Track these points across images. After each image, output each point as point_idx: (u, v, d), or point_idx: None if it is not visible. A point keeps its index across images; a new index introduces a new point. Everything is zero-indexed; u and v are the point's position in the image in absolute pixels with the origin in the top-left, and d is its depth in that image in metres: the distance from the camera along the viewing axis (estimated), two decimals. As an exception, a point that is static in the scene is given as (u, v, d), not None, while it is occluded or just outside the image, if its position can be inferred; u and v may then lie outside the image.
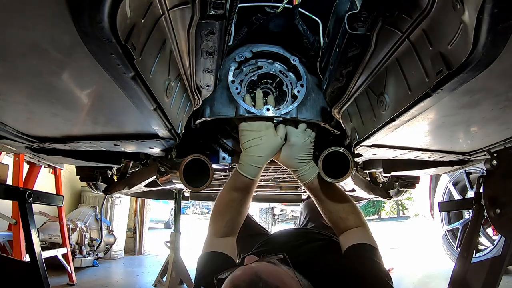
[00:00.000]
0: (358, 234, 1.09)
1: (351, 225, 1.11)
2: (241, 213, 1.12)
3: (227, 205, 1.11)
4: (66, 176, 3.76)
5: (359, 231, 1.10)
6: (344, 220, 1.12)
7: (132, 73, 0.59)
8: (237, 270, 0.81)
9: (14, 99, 0.74)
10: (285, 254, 0.86)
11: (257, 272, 0.76)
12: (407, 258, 4.01)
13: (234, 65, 1.14)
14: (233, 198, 1.09)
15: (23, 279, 1.39)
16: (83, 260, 3.47)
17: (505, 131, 0.92)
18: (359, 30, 0.77)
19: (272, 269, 0.81)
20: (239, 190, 1.09)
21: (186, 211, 18.00)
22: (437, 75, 0.62)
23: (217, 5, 0.72)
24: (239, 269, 0.81)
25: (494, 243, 2.71)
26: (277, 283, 0.74)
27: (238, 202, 1.10)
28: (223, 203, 1.12)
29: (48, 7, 0.46)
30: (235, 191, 1.10)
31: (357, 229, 1.11)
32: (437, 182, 3.37)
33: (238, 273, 0.79)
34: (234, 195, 1.10)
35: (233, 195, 1.10)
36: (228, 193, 1.11)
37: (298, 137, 1.13)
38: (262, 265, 0.82)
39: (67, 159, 1.25)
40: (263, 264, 0.83)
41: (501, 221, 1.00)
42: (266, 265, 0.82)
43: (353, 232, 1.10)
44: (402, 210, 13.82)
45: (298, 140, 1.13)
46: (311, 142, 1.15)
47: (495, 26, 0.47)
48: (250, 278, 0.75)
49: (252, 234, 1.55)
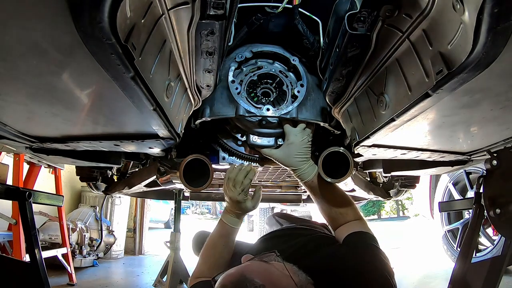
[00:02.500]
0: (357, 225, 1.11)
1: (350, 219, 1.14)
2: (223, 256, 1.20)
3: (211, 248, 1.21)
4: (66, 176, 3.76)
5: (357, 223, 1.12)
6: (344, 216, 1.14)
7: (132, 73, 0.59)
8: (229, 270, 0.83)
9: (14, 99, 0.74)
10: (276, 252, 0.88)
11: (243, 272, 0.78)
12: (407, 258, 4.00)
13: (234, 65, 1.14)
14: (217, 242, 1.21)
15: (23, 279, 1.39)
16: (83, 260, 3.47)
17: (505, 131, 0.92)
18: (359, 30, 0.77)
19: (261, 268, 0.82)
20: (223, 236, 1.21)
21: (186, 211, 18.02)
22: (437, 75, 0.62)
23: (217, 5, 0.72)
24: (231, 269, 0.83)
25: (494, 243, 2.71)
26: (263, 282, 0.75)
27: (222, 245, 1.20)
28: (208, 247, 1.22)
29: (48, 7, 0.46)
30: (219, 237, 1.21)
31: (355, 221, 1.13)
32: (437, 182, 3.37)
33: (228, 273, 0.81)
34: (218, 239, 1.21)
35: (218, 240, 1.21)
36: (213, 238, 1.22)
37: (296, 136, 1.15)
38: (251, 265, 0.84)
39: (67, 159, 1.25)
40: (253, 263, 0.85)
41: (501, 221, 1.00)
42: (256, 264, 0.84)
43: (351, 224, 1.12)
44: (402, 210, 13.80)
45: (297, 139, 1.15)
46: (308, 141, 1.17)
47: (495, 26, 0.47)
48: (236, 279, 0.77)
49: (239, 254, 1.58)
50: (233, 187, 1.16)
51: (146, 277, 3.31)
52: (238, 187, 1.15)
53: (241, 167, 1.18)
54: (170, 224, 8.52)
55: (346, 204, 1.16)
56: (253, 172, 1.18)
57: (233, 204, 1.18)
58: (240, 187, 1.15)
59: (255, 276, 0.76)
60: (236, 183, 1.16)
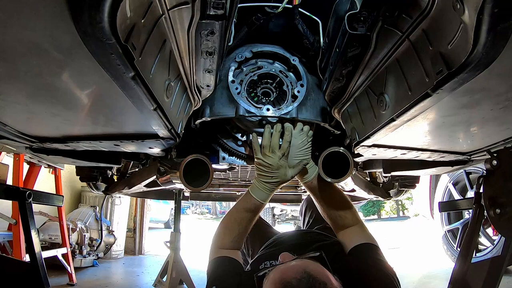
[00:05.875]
0: (359, 235, 1.12)
1: (349, 223, 1.15)
2: (247, 230, 1.17)
3: (236, 222, 1.16)
4: (66, 176, 3.75)
5: (358, 231, 1.14)
6: (343, 218, 1.15)
7: (132, 73, 0.59)
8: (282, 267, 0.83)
9: (14, 99, 0.74)
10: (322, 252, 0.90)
11: (306, 269, 0.79)
12: (407, 258, 4.00)
13: (234, 65, 1.14)
14: (243, 217, 1.15)
15: (23, 279, 1.39)
16: (83, 260, 3.47)
17: (505, 131, 0.92)
18: (359, 30, 0.77)
19: (318, 266, 0.83)
20: (249, 211, 1.15)
21: (186, 211, 18.02)
22: (437, 75, 0.62)
23: (217, 5, 0.72)
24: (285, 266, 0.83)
25: (494, 243, 2.71)
26: (325, 280, 0.77)
27: (247, 221, 1.15)
28: (232, 220, 1.17)
29: (48, 7, 0.46)
30: (245, 211, 1.15)
31: (355, 228, 1.15)
32: (437, 182, 3.37)
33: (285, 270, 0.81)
34: (244, 214, 1.15)
35: (243, 214, 1.15)
36: (238, 212, 1.17)
37: (296, 138, 1.12)
38: (306, 262, 0.84)
39: (67, 159, 1.25)
40: (306, 261, 0.85)
41: (501, 221, 1.00)
42: (310, 262, 0.84)
43: (353, 232, 1.13)
44: (402, 210, 13.81)
45: (296, 140, 1.12)
46: (308, 142, 1.14)
47: (495, 26, 0.47)
48: (300, 275, 0.77)
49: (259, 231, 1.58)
50: (272, 152, 1.08)
51: (146, 277, 3.31)
52: (277, 150, 1.08)
53: (270, 130, 1.09)
54: (170, 224, 8.52)
55: (345, 206, 1.17)
56: (288, 133, 1.09)
57: (272, 173, 1.09)
58: (280, 151, 1.08)
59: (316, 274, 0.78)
60: (273, 147, 1.08)
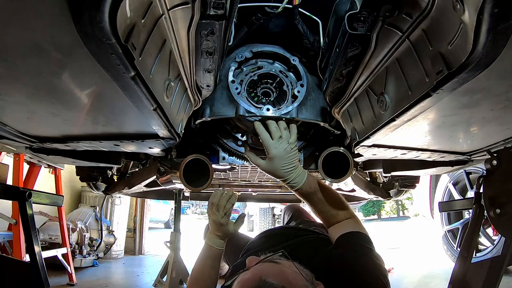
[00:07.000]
0: (348, 225, 1.10)
1: (342, 219, 1.14)
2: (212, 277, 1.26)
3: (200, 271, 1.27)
4: (66, 176, 3.75)
5: (349, 222, 1.12)
6: (335, 216, 1.13)
7: (132, 73, 0.59)
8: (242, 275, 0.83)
9: (14, 99, 0.74)
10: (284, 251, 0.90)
11: (262, 276, 0.79)
12: (407, 258, 4.00)
13: (234, 65, 1.14)
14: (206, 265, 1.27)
15: (23, 279, 1.39)
16: (83, 260, 3.46)
17: (505, 131, 0.92)
18: (359, 30, 0.77)
19: (276, 269, 0.83)
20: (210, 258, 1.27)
21: (186, 211, 18.00)
22: (437, 75, 0.62)
23: (217, 5, 0.72)
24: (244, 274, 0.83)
25: (494, 243, 2.71)
26: (282, 283, 0.77)
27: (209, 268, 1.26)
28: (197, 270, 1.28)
29: (48, 7, 0.46)
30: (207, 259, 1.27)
31: (347, 220, 1.13)
32: (437, 182, 3.37)
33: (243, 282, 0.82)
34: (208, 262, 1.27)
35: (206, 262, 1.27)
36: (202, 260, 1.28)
37: (276, 148, 1.05)
38: (265, 267, 0.84)
39: (67, 159, 1.25)
40: (265, 265, 0.85)
41: (501, 221, 1.00)
42: (269, 266, 0.84)
43: (343, 224, 1.12)
44: (402, 210, 13.81)
45: (277, 151, 1.05)
46: (292, 149, 1.07)
47: (495, 26, 0.47)
48: (257, 284, 0.78)
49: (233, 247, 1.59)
50: (216, 211, 1.24)
51: (146, 277, 3.31)
52: (221, 211, 1.24)
53: (223, 193, 1.27)
54: (170, 224, 8.52)
55: (337, 205, 1.14)
56: (234, 197, 1.27)
57: (216, 227, 1.25)
58: (223, 211, 1.24)
59: (272, 278, 0.78)
60: (219, 207, 1.24)
